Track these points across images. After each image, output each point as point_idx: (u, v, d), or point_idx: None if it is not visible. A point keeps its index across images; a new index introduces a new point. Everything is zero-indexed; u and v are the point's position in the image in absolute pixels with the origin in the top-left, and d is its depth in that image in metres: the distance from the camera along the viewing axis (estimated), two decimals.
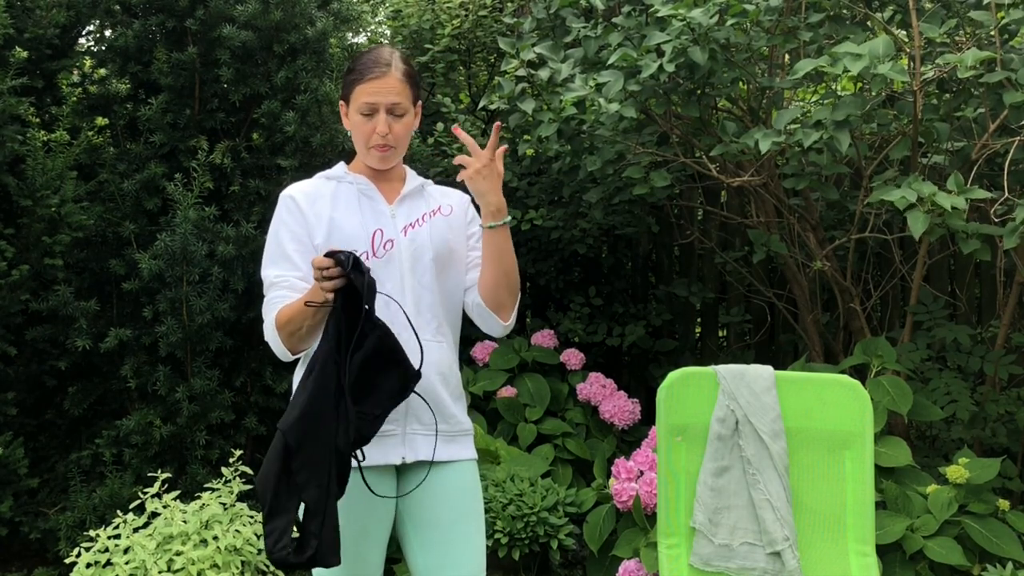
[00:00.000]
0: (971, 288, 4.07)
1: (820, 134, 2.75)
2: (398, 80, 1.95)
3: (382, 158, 1.98)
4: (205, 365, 3.37)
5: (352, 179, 2.01)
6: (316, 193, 1.99)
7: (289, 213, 1.97)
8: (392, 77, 1.94)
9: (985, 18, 2.81)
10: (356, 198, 1.99)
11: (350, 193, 1.99)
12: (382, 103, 1.93)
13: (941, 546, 2.70)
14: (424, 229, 2.00)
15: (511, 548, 3.23)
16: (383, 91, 1.93)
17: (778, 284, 4.22)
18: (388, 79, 1.94)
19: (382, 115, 1.94)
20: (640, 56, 2.99)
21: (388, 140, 1.95)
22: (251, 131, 3.61)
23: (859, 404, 2.26)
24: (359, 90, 1.94)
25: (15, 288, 3.28)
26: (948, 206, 2.54)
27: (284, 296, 1.92)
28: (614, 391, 3.83)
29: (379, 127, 1.94)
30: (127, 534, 2.68)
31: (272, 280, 1.94)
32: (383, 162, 1.99)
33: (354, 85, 1.95)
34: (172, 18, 3.56)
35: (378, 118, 1.94)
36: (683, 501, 2.26)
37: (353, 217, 1.96)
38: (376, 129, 1.94)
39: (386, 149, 1.97)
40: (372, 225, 1.96)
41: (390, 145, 1.96)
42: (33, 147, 3.29)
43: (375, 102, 1.93)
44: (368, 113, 1.94)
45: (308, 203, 1.97)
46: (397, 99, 1.94)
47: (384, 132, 1.94)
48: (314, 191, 1.99)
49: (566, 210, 4.17)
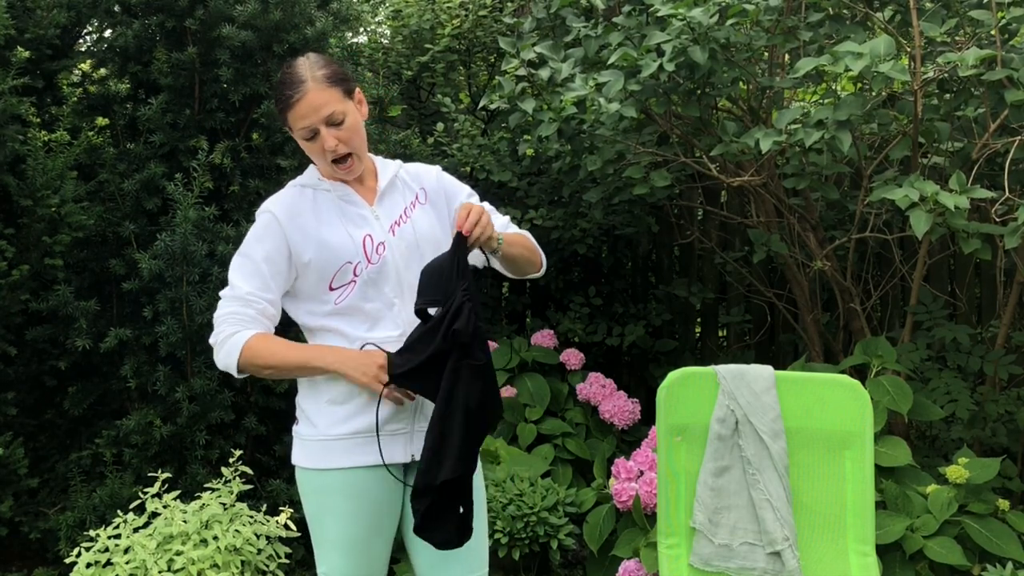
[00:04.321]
0: (971, 288, 4.06)
1: (821, 134, 2.75)
2: (318, 91, 1.88)
3: (348, 170, 1.95)
4: (205, 365, 3.37)
5: (329, 186, 1.98)
6: (296, 208, 1.95)
7: (267, 232, 1.93)
8: (311, 92, 1.88)
9: (985, 17, 2.81)
10: (336, 206, 1.96)
11: (329, 202, 1.97)
12: (316, 122, 1.88)
13: (941, 546, 2.70)
14: (409, 226, 1.99)
15: (511, 548, 3.23)
16: (309, 111, 1.88)
17: (778, 284, 4.21)
18: (308, 97, 1.87)
19: (323, 132, 1.89)
20: (640, 56, 2.99)
21: (340, 149, 1.91)
22: (251, 131, 3.61)
23: (859, 404, 2.26)
24: (290, 117, 1.90)
25: (15, 288, 3.28)
26: (951, 205, 2.54)
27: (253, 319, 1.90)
28: (614, 391, 3.83)
29: (327, 143, 1.90)
30: (127, 534, 2.68)
31: (243, 295, 1.90)
32: (350, 173, 1.96)
33: (284, 114, 1.91)
34: (172, 18, 3.55)
35: (321, 136, 1.90)
36: (683, 501, 2.26)
37: (338, 229, 1.93)
38: (324, 146, 1.90)
39: (345, 159, 1.93)
40: (359, 232, 1.94)
41: (345, 153, 1.93)
42: (33, 147, 3.29)
43: (308, 124, 1.89)
44: (310, 137, 1.90)
45: (289, 219, 1.93)
46: (327, 110, 1.88)
47: (333, 146, 1.90)
48: (293, 205, 1.96)
49: (566, 210, 4.17)
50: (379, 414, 1.89)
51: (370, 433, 1.90)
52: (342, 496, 1.91)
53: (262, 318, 1.91)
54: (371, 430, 1.90)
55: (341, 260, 1.91)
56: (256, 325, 1.90)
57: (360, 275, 1.91)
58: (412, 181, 2.08)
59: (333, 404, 1.92)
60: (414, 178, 2.09)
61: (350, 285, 1.92)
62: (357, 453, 1.91)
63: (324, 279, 1.92)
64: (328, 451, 1.91)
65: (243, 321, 1.90)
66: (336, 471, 1.91)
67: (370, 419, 1.90)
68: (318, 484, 1.93)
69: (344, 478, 1.91)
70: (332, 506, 1.92)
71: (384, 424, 1.91)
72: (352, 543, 1.92)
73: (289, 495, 3.35)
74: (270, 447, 3.60)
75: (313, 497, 1.95)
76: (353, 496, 1.91)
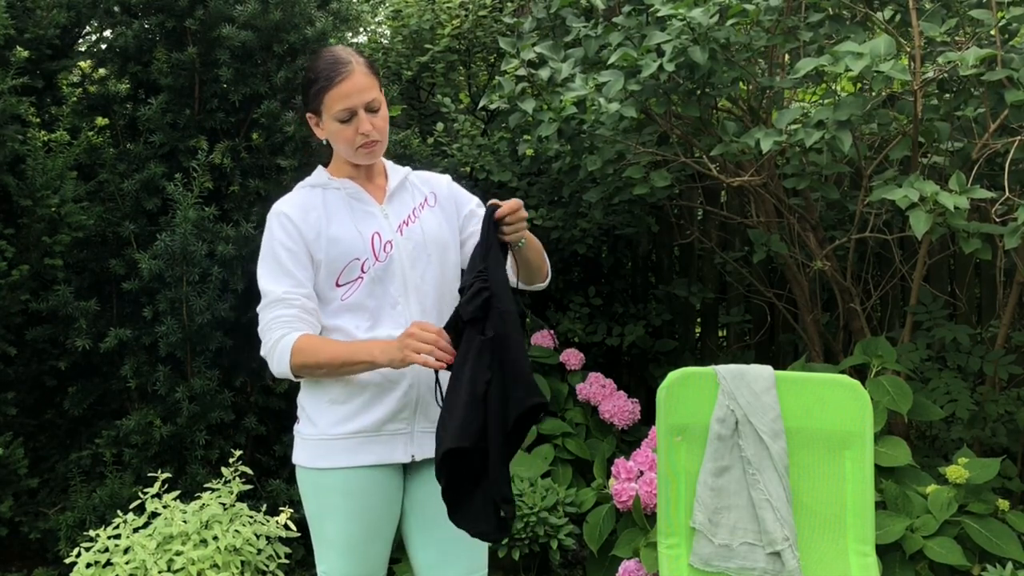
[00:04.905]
0: (971, 288, 4.06)
1: (822, 134, 2.75)
2: (364, 75, 1.91)
3: (370, 154, 1.96)
4: (205, 365, 3.37)
5: (338, 184, 1.99)
6: (307, 205, 1.96)
7: (283, 230, 1.93)
8: (358, 73, 1.90)
9: (985, 17, 2.80)
10: (346, 204, 1.97)
11: (338, 200, 1.97)
12: (358, 104, 1.89)
13: (941, 546, 2.70)
14: (417, 226, 1.99)
15: (511, 548, 3.23)
16: (355, 91, 1.89)
17: (778, 284, 4.21)
18: (355, 77, 1.89)
19: (361, 115, 1.90)
20: (640, 56, 2.99)
21: (373, 135, 1.92)
22: (251, 131, 3.61)
23: (859, 404, 2.26)
24: (330, 97, 1.89)
25: (15, 288, 3.28)
26: (951, 205, 2.54)
27: (297, 318, 1.88)
28: (614, 391, 3.83)
29: (362, 127, 1.91)
30: (127, 534, 2.68)
31: (279, 296, 1.89)
32: (372, 157, 1.97)
33: (323, 94, 1.90)
34: (172, 18, 3.55)
35: (358, 119, 1.90)
36: (683, 501, 2.26)
37: (348, 225, 1.94)
38: (359, 130, 1.91)
39: (373, 145, 1.95)
40: (368, 229, 1.94)
41: (377, 140, 1.94)
42: (33, 147, 3.29)
43: (352, 106, 1.89)
44: (346, 119, 1.90)
45: (301, 217, 1.94)
46: (369, 95, 1.90)
47: (368, 130, 1.91)
48: (304, 203, 1.96)
49: (566, 210, 4.17)
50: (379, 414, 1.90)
51: (371, 433, 1.91)
52: (342, 495, 1.92)
53: (304, 315, 1.90)
54: (372, 430, 1.91)
55: (349, 256, 1.91)
56: (301, 324, 1.89)
57: (367, 272, 1.92)
58: (422, 185, 2.09)
59: (334, 403, 1.92)
60: (424, 182, 2.10)
61: (357, 282, 1.92)
62: (357, 453, 1.91)
63: (332, 275, 1.92)
64: (329, 450, 1.92)
65: (288, 323, 1.88)
66: (336, 470, 1.91)
67: (371, 419, 1.91)
68: (318, 483, 1.93)
69: (344, 478, 1.91)
70: (332, 505, 1.92)
71: (384, 424, 1.91)
72: (351, 543, 1.93)
73: (289, 495, 3.35)
74: (270, 447, 3.60)
75: (313, 496, 1.95)
76: (353, 496, 1.91)
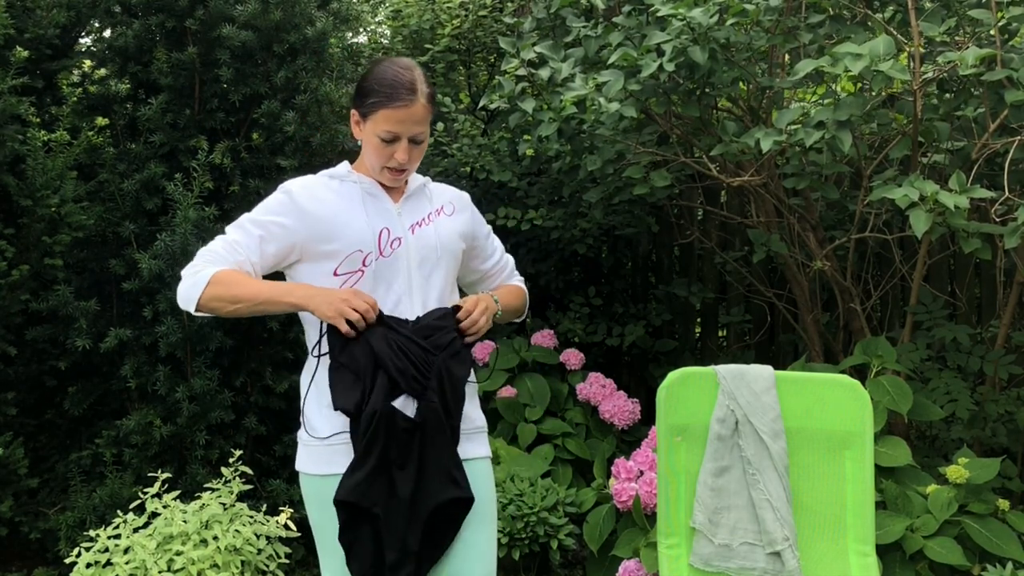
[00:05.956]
0: (971, 288, 4.06)
1: (822, 134, 2.75)
2: (423, 107, 1.87)
3: (394, 179, 1.95)
4: (205, 365, 3.37)
5: (357, 179, 1.98)
6: (317, 189, 1.95)
7: (280, 207, 1.92)
8: (418, 105, 1.86)
9: (985, 17, 2.80)
10: (360, 197, 1.96)
11: (354, 192, 1.97)
12: (405, 134, 1.87)
13: (941, 546, 2.70)
14: (431, 228, 1.99)
15: (511, 548, 3.23)
16: (409, 121, 1.86)
17: (778, 284, 4.21)
18: (415, 108, 1.86)
19: (403, 143, 1.88)
20: (640, 56, 2.99)
21: (407, 167, 1.92)
22: (251, 131, 3.61)
23: (859, 404, 2.26)
24: (383, 115, 1.86)
25: (15, 288, 3.28)
26: (951, 205, 2.54)
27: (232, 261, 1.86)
28: (614, 391, 3.83)
29: (398, 155, 1.89)
30: (127, 534, 2.68)
31: (229, 241, 1.89)
32: (395, 182, 1.97)
33: (377, 108, 1.87)
34: (172, 18, 3.55)
35: (399, 146, 1.88)
36: (683, 501, 2.26)
37: (358, 215, 1.93)
38: (395, 156, 1.89)
39: (402, 173, 1.94)
40: (379, 223, 1.93)
41: (407, 169, 1.94)
42: (33, 147, 3.29)
43: (399, 132, 1.87)
44: (389, 139, 1.88)
45: (307, 198, 1.93)
46: (419, 129, 1.88)
47: (403, 160, 1.89)
48: (316, 187, 1.96)
49: (566, 210, 4.17)
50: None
51: None
52: None
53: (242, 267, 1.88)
54: None
55: (353, 247, 1.90)
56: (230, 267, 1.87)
57: (369, 266, 1.90)
58: (439, 193, 2.09)
59: (334, 409, 1.91)
60: (443, 192, 2.10)
61: (357, 274, 1.90)
62: None
63: (332, 262, 1.90)
64: (331, 457, 1.90)
65: (218, 262, 1.87)
66: (338, 476, 1.89)
67: None
68: (320, 490, 1.91)
69: None
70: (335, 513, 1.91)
71: None
72: None
73: (289, 495, 3.35)
74: (270, 447, 3.60)
75: (316, 503, 1.93)
76: None
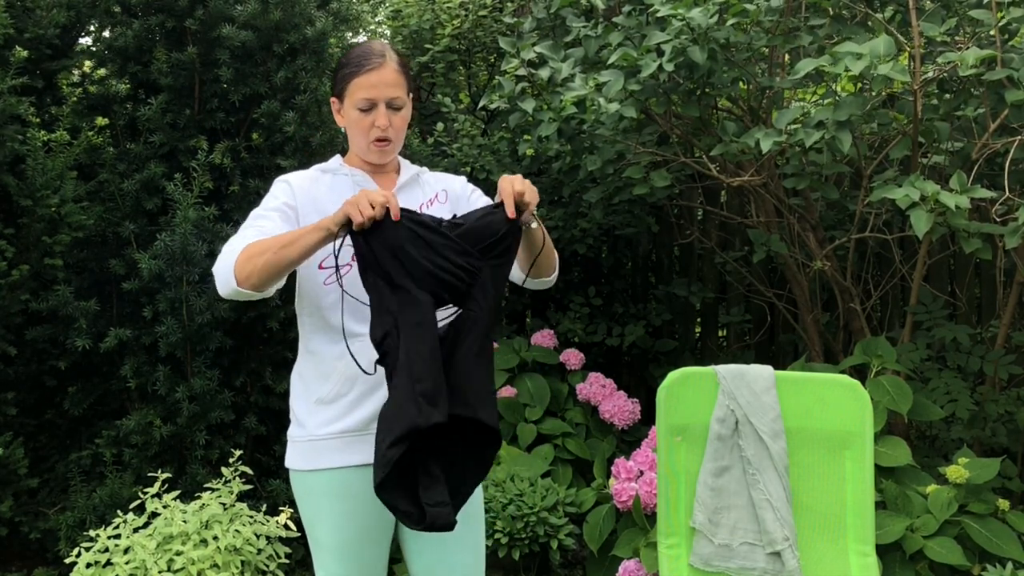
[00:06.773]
0: (971, 288, 4.06)
1: (822, 134, 2.75)
2: (394, 71, 1.91)
3: (381, 152, 1.96)
4: (205, 365, 3.37)
5: (348, 171, 1.99)
6: (311, 183, 1.97)
7: (282, 192, 1.94)
8: (388, 68, 1.90)
9: (985, 17, 2.81)
10: (351, 189, 1.96)
11: (344, 184, 1.97)
12: (380, 97, 1.90)
13: (941, 546, 2.70)
14: None
15: (511, 548, 3.23)
16: (381, 84, 1.89)
17: (778, 284, 4.21)
18: (384, 70, 1.90)
19: (381, 108, 1.91)
20: (640, 56, 2.99)
21: (388, 133, 1.93)
22: (251, 131, 3.61)
23: (859, 404, 2.26)
24: (355, 84, 1.90)
25: (15, 288, 3.28)
26: (952, 205, 2.54)
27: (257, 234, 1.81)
28: (614, 391, 3.83)
29: (379, 120, 1.91)
30: (127, 534, 2.68)
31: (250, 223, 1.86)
32: (382, 156, 1.97)
33: (349, 79, 1.91)
34: (172, 18, 3.56)
35: (377, 112, 1.91)
36: (683, 501, 2.26)
37: None
38: (375, 123, 1.91)
39: (386, 143, 1.95)
40: None
41: (389, 139, 1.94)
42: (33, 147, 3.29)
43: (374, 97, 1.90)
44: (366, 108, 1.91)
45: (303, 188, 1.94)
46: (395, 92, 1.91)
47: (384, 125, 1.91)
48: (310, 180, 1.97)
49: (566, 210, 4.17)
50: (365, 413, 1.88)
51: (357, 432, 1.89)
52: (332, 497, 1.90)
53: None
54: (359, 429, 1.88)
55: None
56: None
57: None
58: (435, 182, 2.08)
59: (321, 404, 1.90)
60: (437, 180, 2.10)
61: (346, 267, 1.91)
62: (345, 452, 1.89)
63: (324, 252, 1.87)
64: (317, 451, 1.90)
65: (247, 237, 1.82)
66: (325, 471, 1.89)
67: (358, 418, 1.88)
68: (309, 485, 1.92)
69: (333, 478, 1.89)
70: (323, 508, 1.90)
71: (370, 424, 1.86)
72: (344, 546, 1.91)
73: (289, 495, 3.35)
74: (270, 447, 3.60)
75: (305, 499, 1.93)
76: (343, 497, 1.90)
